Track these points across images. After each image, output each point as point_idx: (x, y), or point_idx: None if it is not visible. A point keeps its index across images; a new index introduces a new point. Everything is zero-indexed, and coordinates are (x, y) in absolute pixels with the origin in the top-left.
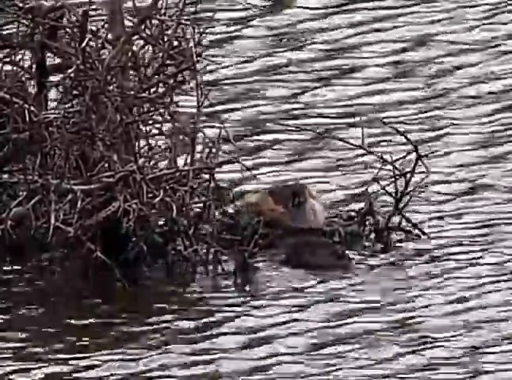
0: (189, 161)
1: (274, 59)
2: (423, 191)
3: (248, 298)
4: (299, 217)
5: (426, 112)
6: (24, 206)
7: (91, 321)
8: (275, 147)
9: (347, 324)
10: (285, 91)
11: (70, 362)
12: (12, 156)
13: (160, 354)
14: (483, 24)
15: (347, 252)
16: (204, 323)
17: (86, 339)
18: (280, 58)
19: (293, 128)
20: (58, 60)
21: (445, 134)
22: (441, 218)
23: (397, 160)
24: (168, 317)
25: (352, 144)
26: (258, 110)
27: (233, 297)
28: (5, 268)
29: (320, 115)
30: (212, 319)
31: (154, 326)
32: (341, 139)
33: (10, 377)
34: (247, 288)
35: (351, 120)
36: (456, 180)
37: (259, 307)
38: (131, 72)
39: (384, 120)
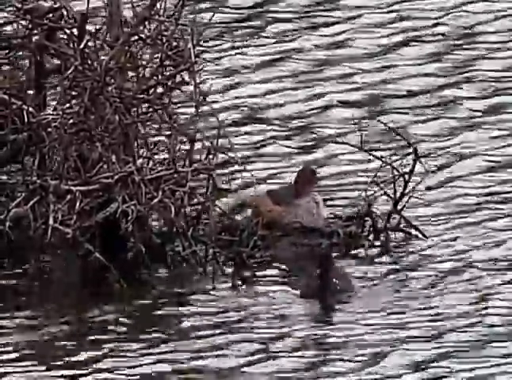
0: (187, 162)
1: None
2: (422, 192)
3: (246, 299)
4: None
5: (426, 114)
6: (22, 207)
7: (89, 321)
8: (274, 147)
9: (345, 324)
10: (284, 93)
11: (69, 362)
12: (11, 157)
13: (159, 353)
14: None
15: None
16: (203, 323)
17: (84, 339)
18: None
19: (293, 129)
20: (56, 61)
21: (445, 138)
22: (439, 218)
23: (396, 161)
24: (166, 317)
25: (352, 145)
26: (257, 111)
27: (231, 298)
28: (3, 269)
29: (320, 117)
30: (210, 320)
31: (153, 326)
32: (341, 141)
33: (8, 377)
34: (246, 289)
35: (351, 122)
36: (454, 182)
37: (257, 307)
38: (129, 73)
39: (385, 122)
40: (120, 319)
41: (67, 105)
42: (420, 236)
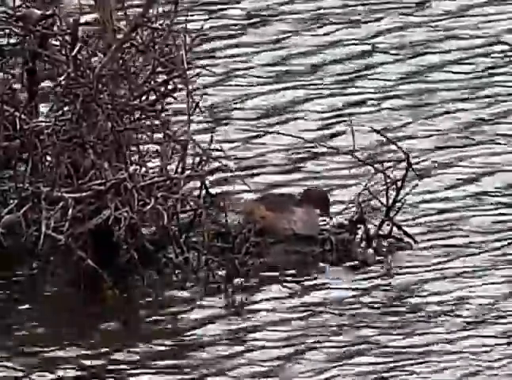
0: (180, 168)
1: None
2: (414, 199)
3: (239, 307)
4: None
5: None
6: (15, 213)
7: (81, 328)
8: (267, 154)
9: (342, 326)
10: (276, 98)
11: (61, 369)
12: (3, 163)
13: (151, 361)
14: None
15: None
16: (195, 332)
17: (76, 347)
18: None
19: (285, 135)
20: (49, 68)
21: (438, 142)
22: (431, 225)
23: (388, 168)
24: (158, 325)
25: (343, 152)
26: (251, 117)
27: (224, 305)
28: None
29: (312, 124)
30: (202, 327)
31: (144, 334)
32: (332, 148)
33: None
34: (238, 296)
35: (343, 128)
36: (448, 188)
37: (250, 316)
38: (122, 80)
39: (377, 129)
40: (112, 326)
41: (60, 112)
42: (413, 243)
